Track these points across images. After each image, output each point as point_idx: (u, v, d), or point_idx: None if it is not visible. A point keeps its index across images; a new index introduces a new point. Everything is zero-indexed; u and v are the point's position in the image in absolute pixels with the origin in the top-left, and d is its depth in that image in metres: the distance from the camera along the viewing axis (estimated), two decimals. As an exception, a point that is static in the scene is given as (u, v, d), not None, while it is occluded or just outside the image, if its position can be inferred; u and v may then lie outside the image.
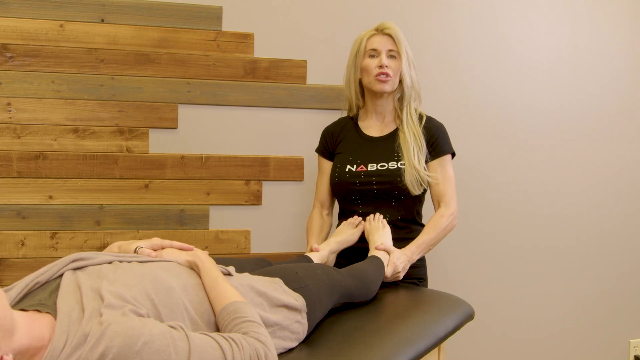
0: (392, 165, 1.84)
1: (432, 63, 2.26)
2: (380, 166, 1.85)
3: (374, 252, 1.74)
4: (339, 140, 1.95)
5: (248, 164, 2.14)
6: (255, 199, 2.15)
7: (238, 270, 1.32)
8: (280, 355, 1.18)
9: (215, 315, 1.10)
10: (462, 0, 2.34)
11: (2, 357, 0.84)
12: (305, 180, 2.19)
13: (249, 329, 1.04)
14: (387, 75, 1.84)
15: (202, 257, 1.19)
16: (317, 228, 1.93)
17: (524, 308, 2.44)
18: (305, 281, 1.33)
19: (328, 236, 1.93)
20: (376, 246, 1.74)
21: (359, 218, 1.87)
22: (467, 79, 2.35)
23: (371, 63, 1.86)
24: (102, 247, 2.01)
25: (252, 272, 1.35)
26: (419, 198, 1.88)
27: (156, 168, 2.06)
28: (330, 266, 1.54)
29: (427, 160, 1.87)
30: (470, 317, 1.62)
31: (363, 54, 1.88)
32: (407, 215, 1.87)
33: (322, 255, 1.75)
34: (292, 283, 1.30)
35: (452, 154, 1.92)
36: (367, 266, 1.63)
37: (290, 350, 1.23)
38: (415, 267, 1.88)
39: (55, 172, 1.99)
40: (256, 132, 2.16)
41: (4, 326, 0.84)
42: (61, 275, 1.06)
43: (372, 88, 1.87)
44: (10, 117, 1.95)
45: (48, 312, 0.95)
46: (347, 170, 1.88)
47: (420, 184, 1.83)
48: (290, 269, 1.38)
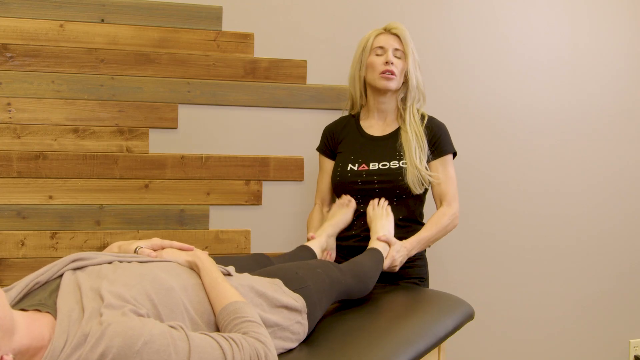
0: (394, 164, 1.84)
1: (432, 63, 2.26)
2: (382, 165, 1.85)
3: (374, 243, 1.73)
4: (341, 139, 1.95)
5: (248, 164, 2.14)
6: (255, 199, 2.15)
7: (238, 269, 1.32)
8: (280, 355, 1.18)
9: (215, 315, 1.10)
10: (462, 0, 2.34)
11: (2, 357, 0.84)
12: (305, 180, 2.19)
13: (249, 329, 1.04)
14: (392, 73, 1.84)
15: (202, 257, 1.19)
16: (317, 222, 1.93)
17: (524, 308, 2.44)
18: (305, 281, 1.33)
19: (334, 242, 1.91)
20: (378, 237, 1.73)
21: (347, 196, 1.87)
22: (467, 79, 2.35)
23: (377, 60, 1.86)
24: (102, 247, 2.01)
25: (252, 272, 1.35)
26: (420, 198, 1.88)
27: (156, 168, 2.06)
28: (330, 262, 1.53)
29: (429, 160, 1.87)
30: (470, 317, 1.63)
31: (369, 51, 1.88)
32: (408, 215, 1.87)
33: (320, 241, 1.77)
34: (292, 284, 1.30)
35: (454, 154, 1.92)
36: (367, 261, 1.63)
37: (290, 350, 1.23)
38: (417, 267, 1.88)
39: (55, 172, 1.99)
40: (256, 132, 2.16)
41: (4, 326, 0.84)
42: (61, 275, 1.06)
43: (376, 85, 1.87)
44: (10, 117, 1.95)
45: (48, 312, 0.95)
46: (349, 169, 1.88)
47: (422, 183, 1.83)
48: (290, 269, 1.38)
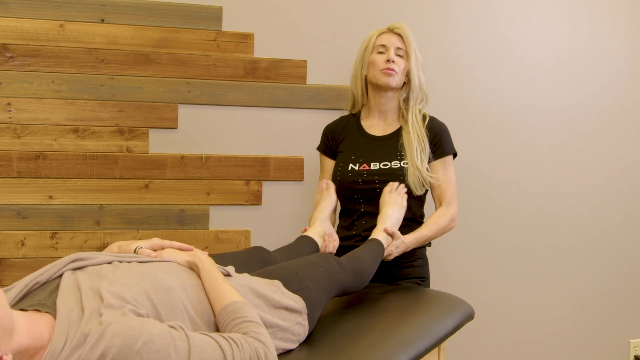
0: (395, 164, 1.84)
1: (432, 63, 2.25)
2: (383, 165, 1.85)
3: (378, 233, 1.73)
4: (341, 139, 1.95)
5: (248, 164, 2.14)
6: (255, 199, 2.15)
7: (236, 265, 1.32)
8: (280, 355, 1.18)
9: (215, 315, 1.10)
10: (462, 0, 2.34)
11: (1, 357, 0.84)
12: (305, 180, 2.19)
13: (248, 329, 1.04)
14: (393, 70, 1.84)
15: (202, 258, 1.19)
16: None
17: (524, 308, 2.44)
18: (305, 282, 1.33)
19: (331, 225, 1.91)
20: (385, 227, 1.73)
21: (324, 180, 1.92)
22: (467, 79, 2.35)
23: (379, 58, 1.86)
24: (102, 247, 2.01)
25: (252, 271, 1.35)
26: (420, 198, 1.88)
27: (156, 168, 2.06)
28: (332, 257, 1.52)
29: (430, 160, 1.87)
30: (470, 317, 1.63)
31: (372, 49, 1.88)
32: (409, 215, 1.87)
33: (317, 229, 1.78)
34: (292, 285, 1.30)
35: (454, 155, 1.93)
36: (368, 257, 1.63)
37: (290, 350, 1.23)
38: (417, 267, 1.88)
39: (55, 172, 1.99)
40: (256, 132, 2.16)
41: (3, 326, 0.84)
42: (61, 275, 1.06)
43: (377, 82, 1.87)
44: (10, 117, 1.95)
45: (47, 312, 0.95)
46: (350, 169, 1.88)
47: (423, 184, 1.83)
48: (290, 269, 1.38)
